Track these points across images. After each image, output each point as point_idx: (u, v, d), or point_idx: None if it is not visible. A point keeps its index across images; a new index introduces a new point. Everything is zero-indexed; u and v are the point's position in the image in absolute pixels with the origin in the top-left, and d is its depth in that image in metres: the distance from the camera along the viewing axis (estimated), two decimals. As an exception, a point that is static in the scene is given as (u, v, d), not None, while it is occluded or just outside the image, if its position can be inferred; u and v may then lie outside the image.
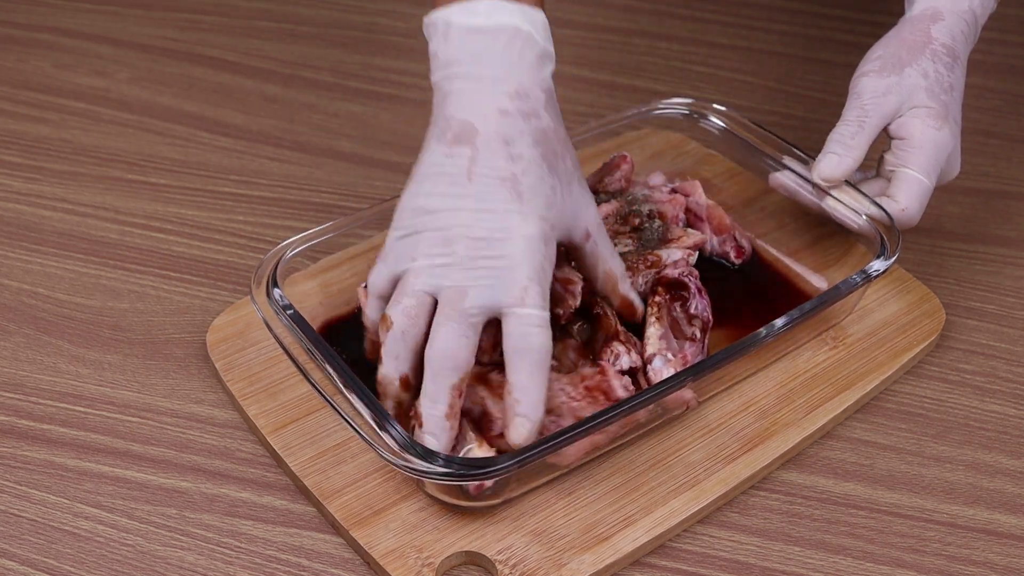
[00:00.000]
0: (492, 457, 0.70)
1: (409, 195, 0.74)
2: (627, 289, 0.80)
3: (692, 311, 0.82)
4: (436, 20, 0.75)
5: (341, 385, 0.72)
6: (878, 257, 0.81)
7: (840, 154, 0.84)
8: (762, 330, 0.77)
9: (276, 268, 0.79)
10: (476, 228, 0.71)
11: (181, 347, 0.86)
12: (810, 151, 0.88)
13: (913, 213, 0.84)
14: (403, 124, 1.08)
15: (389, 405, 0.73)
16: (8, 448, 0.79)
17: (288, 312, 0.76)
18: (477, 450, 0.72)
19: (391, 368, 0.73)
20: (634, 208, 0.88)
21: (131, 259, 0.93)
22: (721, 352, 0.77)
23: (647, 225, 0.87)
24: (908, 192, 0.84)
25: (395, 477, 0.75)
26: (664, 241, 0.86)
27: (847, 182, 0.86)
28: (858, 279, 0.80)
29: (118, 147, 1.05)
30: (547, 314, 0.71)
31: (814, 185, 0.86)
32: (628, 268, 0.82)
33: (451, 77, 0.74)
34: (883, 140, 0.87)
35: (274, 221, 0.97)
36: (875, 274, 0.81)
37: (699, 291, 0.82)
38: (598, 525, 0.74)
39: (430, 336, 0.71)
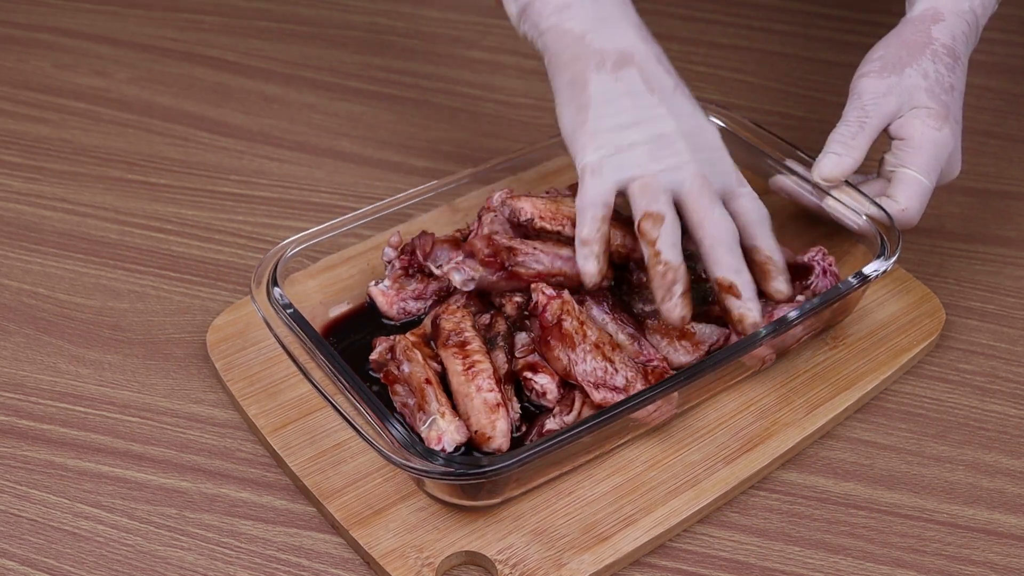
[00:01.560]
0: (492, 457, 0.70)
1: (595, 118, 0.80)
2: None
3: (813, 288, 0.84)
4: None
5: (344, 384, 0.72)
6: (878, 257, 0.81)
7: (840, 154, 0.84)
8: (762, 330, 0.77)
9: (276, 268, 0.79)
10: (683, 130, 0.80)
11: (181, 347, 0.86)
12: (810, 151, 0.88)
13: (913, 213, 0.84)
14: (403, 124, 1.08)
15: (675, 300, 0.77)
16: (8, 448, 0.79)
17: (288, 312, 0.76)
18: (440, 421, 0.73)
19: (675, 255, 0.78)
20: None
21: (131, 259, 0.93)
22: (721, 352, 0.77)
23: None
24: (908, 192, 0.84)
25: (395, 477, 0.75)
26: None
27: (847, 182, 0.86)
28: (858, 279, 0.80)
29: (118, 147, 1.05)
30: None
31: (814, 185, 0.86)
32: None
33: (572, 19, 0.82)
34: (883, 141, 0.87)
35: (274, 221, 0.97)
36: (875, 274, 0.81)
37: (823, 272, 0.85)
38: (598, 525, 0.74)
39: (703, 222, 0.78)
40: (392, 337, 0.79)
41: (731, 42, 1.21)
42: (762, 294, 0.80)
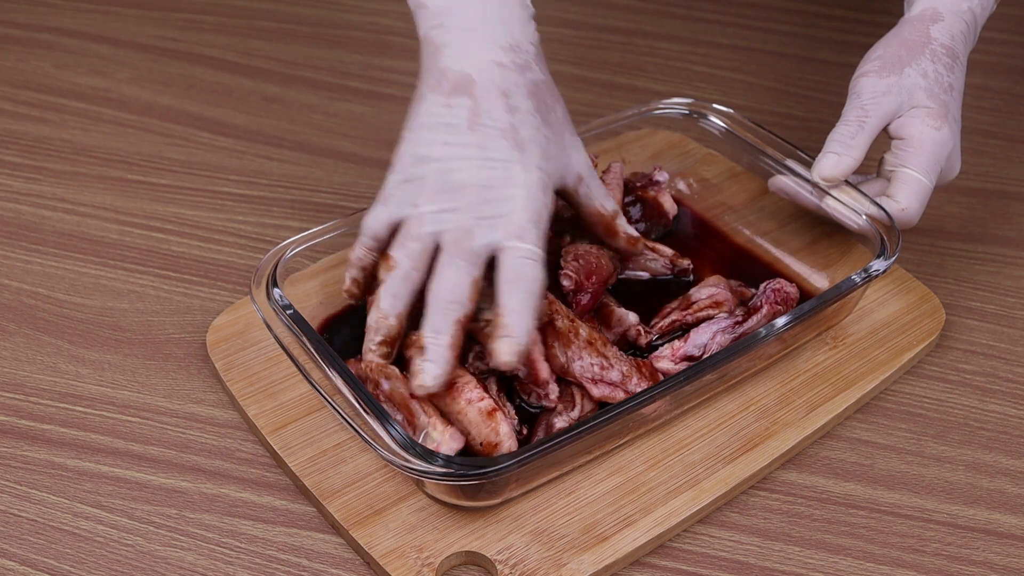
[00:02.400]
0: (492, 457, 0.70)
1: (409, 142, 0.76)
2: (624, 224, 0.83)
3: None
4: None
5: (344, 385, 0.72)
6: (878, 257, 0.81)
7: (840, 153, 0.84)
8: (762, 330, 0.77)
9: (276, 268, 0.79)
10: (479, 176, 0.74)
11: (181, 347, 0.86)
12: (810, 151, 0.88)
13: (913, 213, 0.84)
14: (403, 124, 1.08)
15: (375, 342, 0.75)
16: (8, 448, 0.79)
17: (288, 312, 0.76)
18: (434, 432, 0.73)
19: (389, 306, 0.75)
20: None
21: (131, 259, 0.93)
22: (721, 352, 0.77)
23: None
24: (908, 192, 0.84)
25: (395, 477, 0.75)
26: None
27: (847, 182, 0.86)
28: (858, 279, 0.80)
29: (118, 147, 1.05)
30: (543, 254, 0.74)
31: (814, 185, 0.86)
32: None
33: (442, 28, 0.77)
34: (883, 141, 0.87)
35: (274, 221, 0.97)
36: (875, 274, 0.81)
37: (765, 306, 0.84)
38: (598, 525, 0.74)
39: (436, 275, 0.73)
40: (358, 358, 0.78)
41: (731, 42, 1.21)
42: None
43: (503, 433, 0.73)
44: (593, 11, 1.25)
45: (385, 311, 0.75)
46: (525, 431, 0.76)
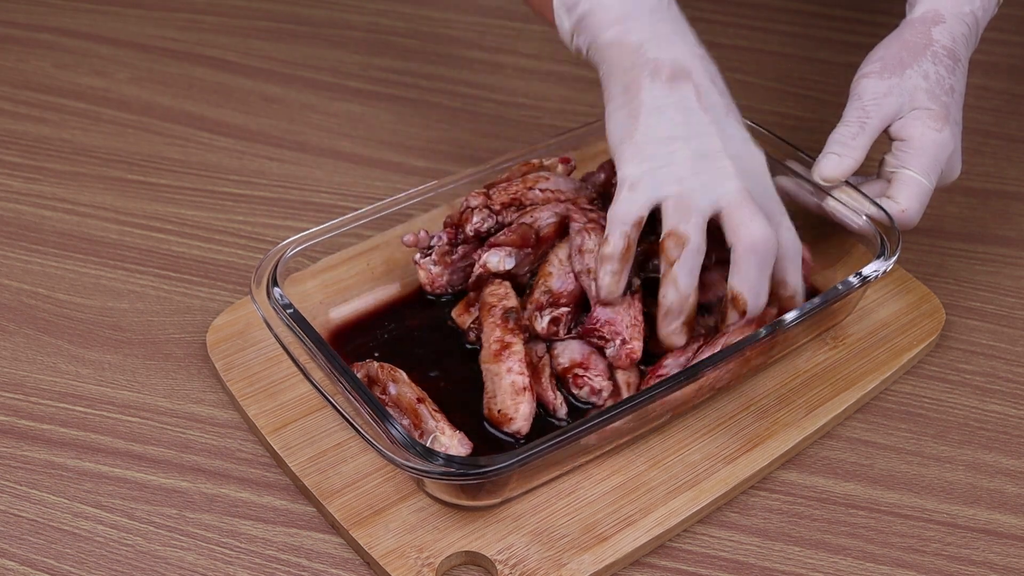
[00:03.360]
0: (492, 457, 0.70)
1: (644, 128, 0.78)
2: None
3: None
4: None
5: (344, 385, 0.72)
6: (878, 257, 0.81)
7: (840, 154, 0.84)
8: (762, 330, 0.77)
9: (276, 268, 0.79)
10: (729, 149, 0.78)
11: (181, 347, 0.86)
12: (810, 151, 0.88)
13: (913, 214, 0.84)
14: (403, 124, 1.08)
15: (678, 322, 0.77)
16: (8, 448, 0.79)
17: (288, 312, 0.76)
18: (442, 437, 0.73)
19: (687, 284, 0.76)
20: None
21: (131, 259, 0.93)
22: (721, 351, 0.77)
23: None
24: (908, 193, 0.84)
25: (395, 477, 0.75)
26: None
27: (847, 183, 0.86)
28: (858, 279, 0.80)
29: (118, 147, 1.05)
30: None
31: (814, 185, 0.86)
32: None
33: (631, 31, 0.80)
34: (883, 142, 0.87)
35: (274, 221, 0.97)
36: (875, 274, 0.81)
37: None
38: (598, 525, 0.74)
39: (742, 229, 0.76)
40: (366, 363, 0.79)
41: (731, 42, 1.21)
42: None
43: (521, 413, 0.74)
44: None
45: (685, 290, 0.76)
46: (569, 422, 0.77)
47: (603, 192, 0.89)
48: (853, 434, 0.82)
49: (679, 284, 0.76)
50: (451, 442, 0.73)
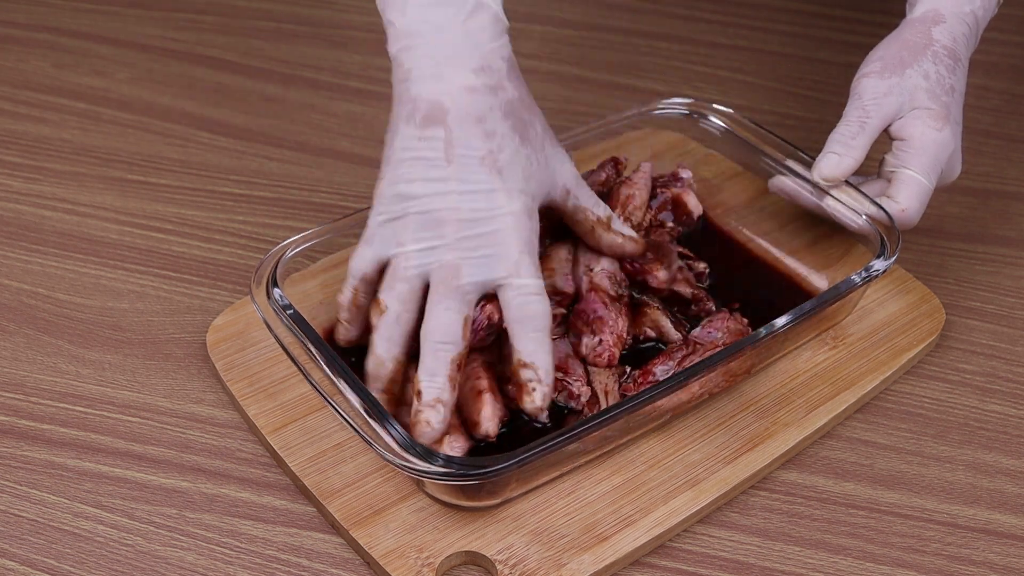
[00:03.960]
0: (492, 457, 0.70)
1: (387, 180, 0.74)
2: (620, 226, 0.82)
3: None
4: None
5: (345, 384, 0.72)
6: (878, 257, 0.81)
7: (840, 154, 0.84)
8: (762, 330, 0.77)
9: (276, 268, 0.79)
10: (462, 210, 0.72)
11: (181, 347, 0.86)
12: (810, 151, 0.88)
13: (913, 214, 0.84)
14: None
15: (377, 388, 0.75)
16: (8, 448, 0.79)
17: (288, 312, 0.76)
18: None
19: (384, 351, 0.74)
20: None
21: (131, 259, 0.93)
22: (721, 351, 0.77)
23: None
24: (908, 193, 0.84)
25: (395, 477, 0.75)
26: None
27: (847, 182, 0.86)
28: (858, 279, 0.80)
29: (118, 147, 1.05)
30: (542, 283, 0.73)
31: (814, 185, 0.86)
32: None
33: (410, 50, 0.74)
34: (884, 142, 0.87)
35: (274, 221, 0.97)
36: (875, 274, 0.81)
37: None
38: (598, 525, 0.74)
39: (427, 315, 0.72)
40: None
41: (731, 42, 1.21)
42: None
43: (484, 416, 0.74)
44: (593, 11, 1.25)
45: (381, 357, 0.74)
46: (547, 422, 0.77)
47: (601, 192, 0.89)
48: (853, 434, 0.82)
49: (376, 352, 0.74)
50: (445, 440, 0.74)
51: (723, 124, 0.94)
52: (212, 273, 0.92)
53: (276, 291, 0.78)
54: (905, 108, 0.85)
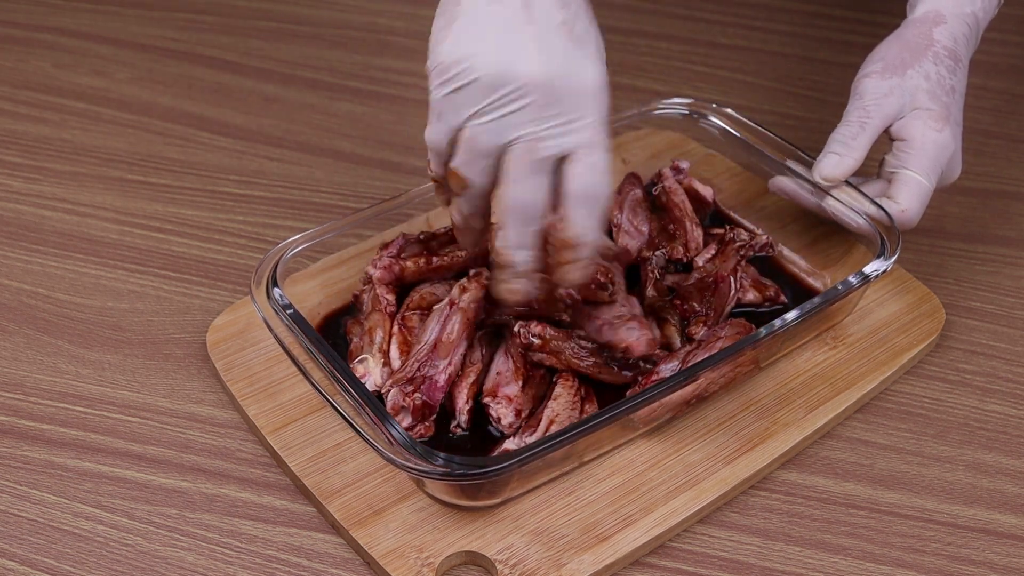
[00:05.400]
0: (492, 457, 0.70)
1: (451, 40, 0.68)
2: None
3: None
4: None
5: (344, 384, 0.72)
6: (878, 257, 0.81)
7: (841, 154, 0.84)
8: (762, 330, 0.77)
9: (276, 268, 0.79)
10: (540, 73, 0.67)
11: (181, 347, 0.86)
12: (810, 151, 0.88)
13: (913, 214, 0.84)
14: (403, 124, 1.08)
15: (468, 242, 0.75)
16: (8, 448, 0.79)
17: (288, 312, 0.76)
18: (371, 361, 0.77)
19: (473, 221, 0.73)
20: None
21: (131, 259, 0.93)
22: (721, 352, 0.77)
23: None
24: (908, 193, 0.84)
25: (395, 477, 0.75)
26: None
27: (847, 182, 0.86)
28: (858, 279, 0.80)
29: (118, 147, 1.05)
30: (612, 160, 0.70)
31: (814, 185, 0.86)
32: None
33: None
34: (884, 143, 0.87)
35: (274, 221, 0.97)
36: (875, 274, 0.81)
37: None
38: (598, 525, 0.74)
39: (508, 187, 0.69)
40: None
41: (731, 42, 1.21)
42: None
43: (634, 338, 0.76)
44: (593, 11, 1.25)
45: (467, 224, 0.73)
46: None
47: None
48: (853, 434, 0.82)
49: (455, 217, 0.74)
50: (375, 369, 0.76)
51: (723, 124, 0.94)
52: (212, 273, 0.92)
53: (276, 291, 0.78)
54: (906, 109, 0.85)
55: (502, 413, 0.76)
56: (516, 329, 0.78)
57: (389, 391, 0.75)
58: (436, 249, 0.85)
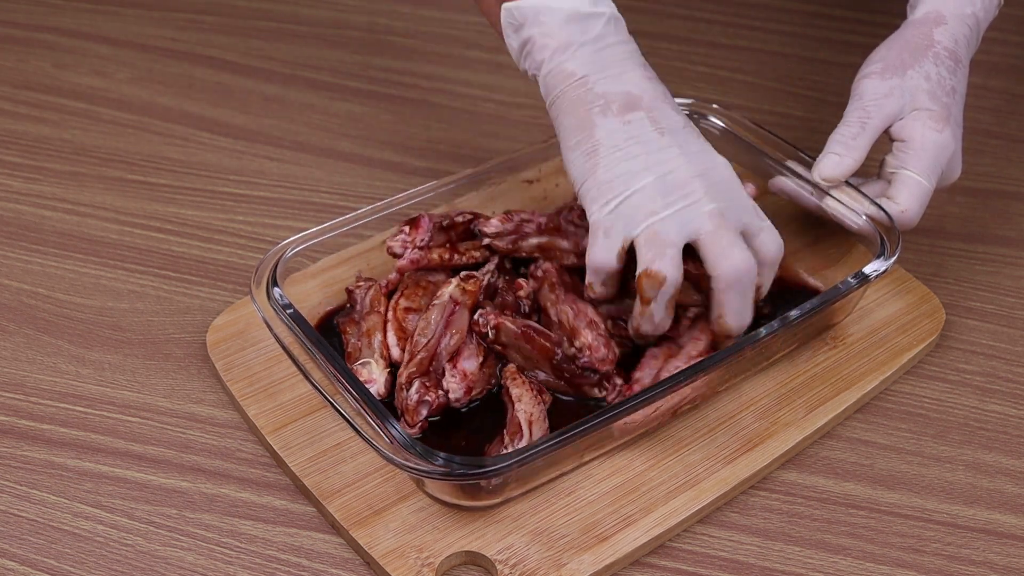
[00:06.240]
0: (492, 457, 0.70)
1: (605, 166, 0.77)
2: None
3: None
4: (527, 7, 0.79)
5: (344, 384, 0.72)
6: (878, 257, 0.81)
7: (841, 154, 0.84)
8: (762, 330, 0.77)
9: (276, 268, 0.79)
10: (693, 169, 0.77)
11: (181, 347, 0.86)
12: (810, 151, 0.88)
13: (913, 215, 0.84)
14: (403, 124, 1.08)
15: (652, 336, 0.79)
16: (8, 448, 0.79)
17: (288, 312, 0.76)
18: (374, 365, 0.77)
19: (662, 319, 0.77)
20: None
21: (131, 259, 0.93)
22: (721, 352, 0.77)
23: None
24: (908, 194, 0.84)
25: (395, 477, 0.75)
26: None
27: (847, 183, 0.86)
28: (858, 279, 0.80)
29: (118, 147, 1.05)
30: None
31: (814, 185, 0.86)
32: None
33: (574, 59, 0.79)
34: (884, 143, 0.87)
35: (274, 221, 0.97)
36: (875, 274, 0.81)
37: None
38: (598, 525, 0.74)
39: (722, 262, 0.75)
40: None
41: (731, 42, 1.21)
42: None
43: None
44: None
45: (661, 324, 0.77)
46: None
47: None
48: (853, 434, 0.82)
49: (655, 320, 0.77)
50: (379, 375, 0.77)
51: (723, 124, 0.94)
52: (212, 273, 0.92)
53: (276, 291, 0.78)
54: (906, 109, 0.85)
55: (452, 387, 0.77)
56: (476, 318, 0.79)
57: (411, 383, 0.76)
58: (455, 240, 0.85)
